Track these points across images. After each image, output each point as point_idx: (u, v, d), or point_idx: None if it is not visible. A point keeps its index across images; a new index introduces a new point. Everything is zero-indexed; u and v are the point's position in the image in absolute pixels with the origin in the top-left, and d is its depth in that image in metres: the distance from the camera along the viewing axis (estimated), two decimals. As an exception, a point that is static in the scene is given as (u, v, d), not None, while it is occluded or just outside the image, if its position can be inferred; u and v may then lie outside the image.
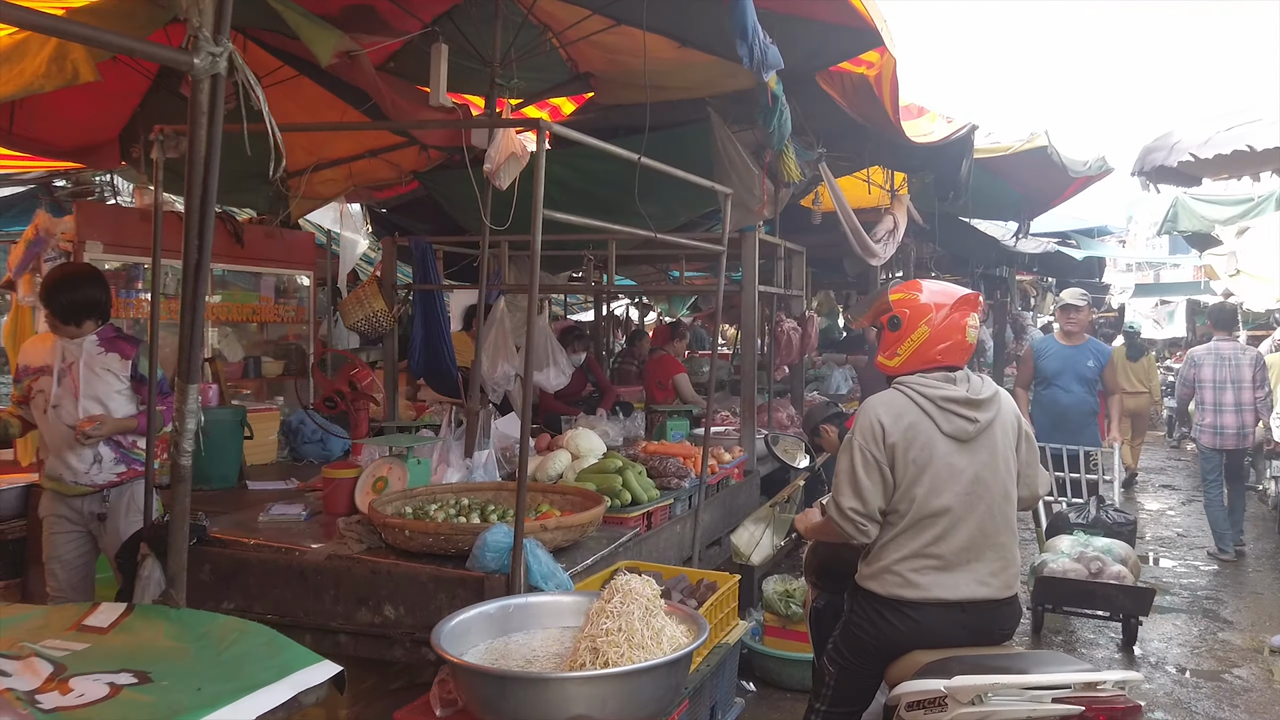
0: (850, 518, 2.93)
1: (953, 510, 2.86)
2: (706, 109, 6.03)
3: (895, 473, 2.90)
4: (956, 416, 2.92)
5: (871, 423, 2.96)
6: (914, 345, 3.04)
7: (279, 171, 2.39)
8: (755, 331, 6.01)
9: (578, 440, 4.93)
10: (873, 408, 3.01)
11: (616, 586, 2.71)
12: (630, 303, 15.93)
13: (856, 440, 2.96)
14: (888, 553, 2.93)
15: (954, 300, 3.04)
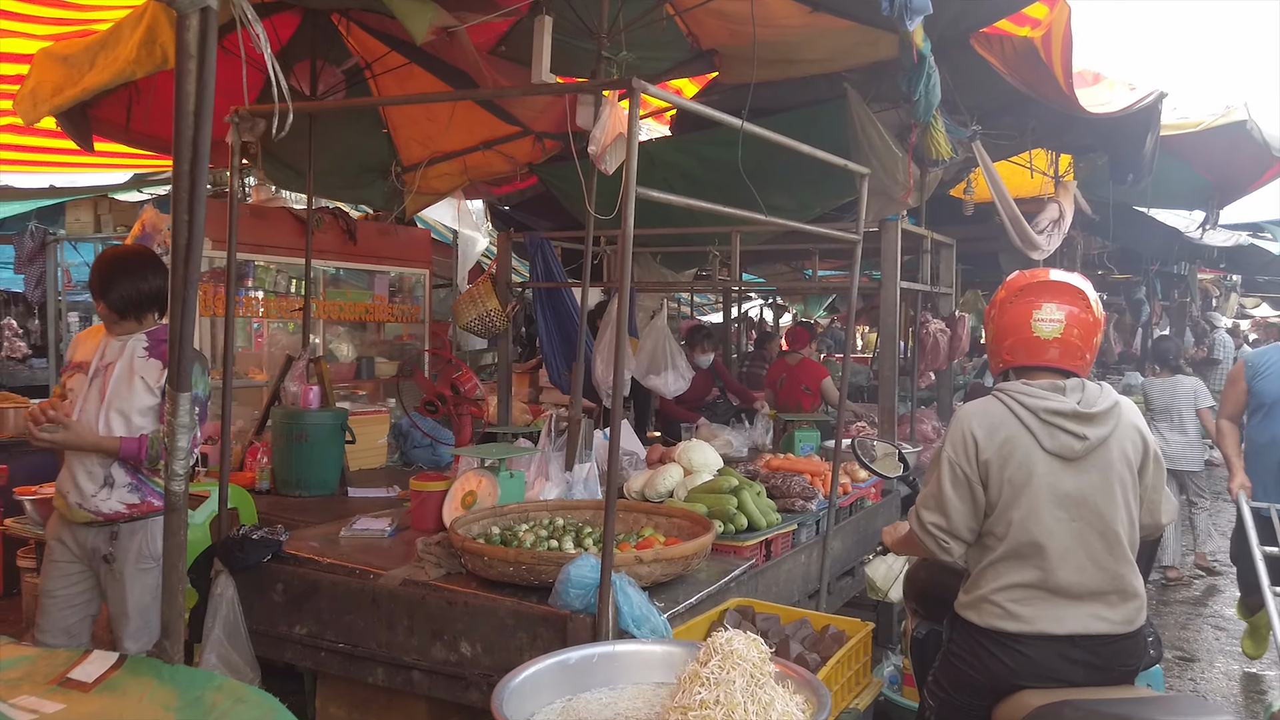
0: (931, 533, 2.61)
1: (1057, 537, 2.50)
2: (843, 85, 5.42)
3: (989, 492, 2.55)
4: (1061, 432, 2.51)
5: (963, 434, 2.57)
6: (989, 342, 2.76)
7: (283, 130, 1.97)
8: (896, 333, 5.35)
9: (690, 454, 4.42)
10: (966, 418, 2.61)
11: (716, 646, 2.20)
12: (764, 304, 15.31)
13: (946, 452, 2.60)
14: (985, 580, 2.58)
15: (1020, 287, 2.66)
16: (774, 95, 5.64)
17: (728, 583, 3.37)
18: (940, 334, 5.94)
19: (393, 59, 5.52)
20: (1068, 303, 2.56)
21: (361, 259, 6.24)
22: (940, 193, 6.99)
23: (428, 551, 3.27)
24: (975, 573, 2.60)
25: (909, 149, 5.42)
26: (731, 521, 3.73)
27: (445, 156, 6.45)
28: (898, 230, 5.24)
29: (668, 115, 6.39)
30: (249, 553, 3.38)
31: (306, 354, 5.20)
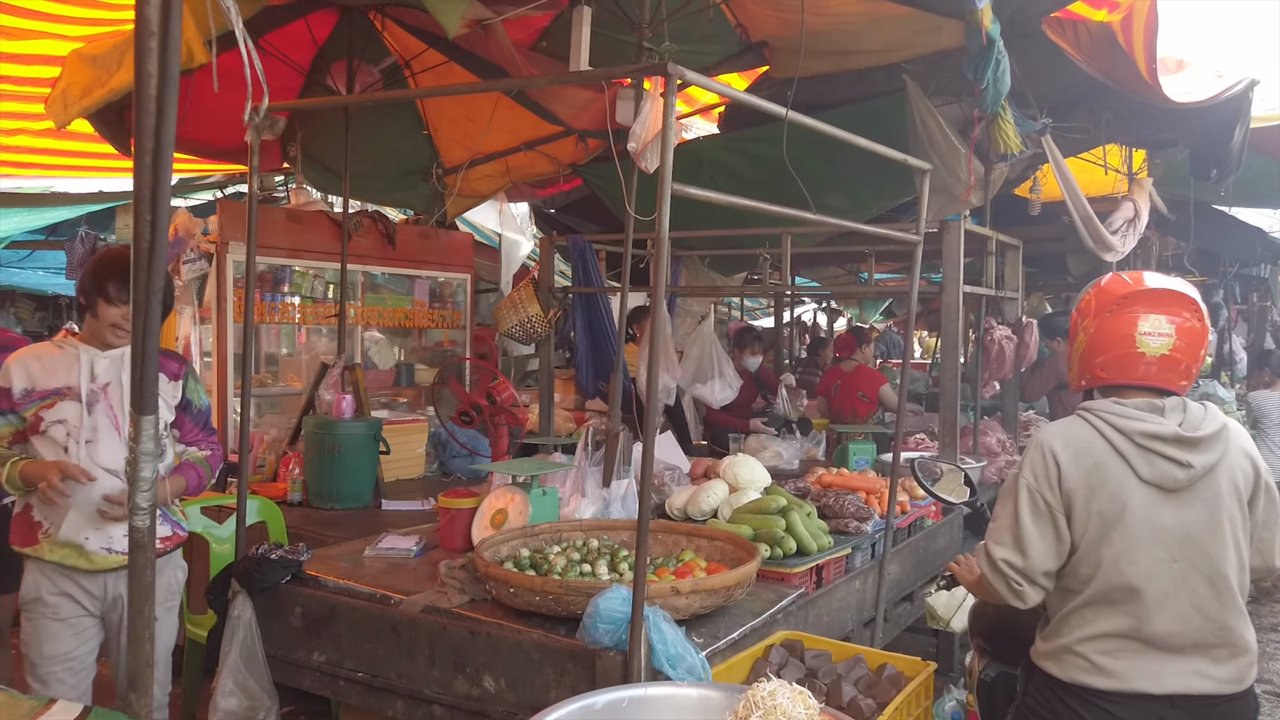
0: (1003, 572, 2.27)
1: (1155, 580, 2.18)
2: (902, 77, 5.10)
3: (1073, 526, 2.23)
4: (1161, 459, 2.18)
5: (1044, 459, 2.25)
6: (1077, 356, 2.40)
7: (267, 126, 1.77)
8: (959, 340, 5.02)
9: (736, 469, 4.16)
10: (1047, 440, 2.27)
11: (757, 700, 1.94)
12: (818, 308, 14.93)
13: (1024, 479, 2.27)
14: (1070, 628, 2.26)
15: (1120, 296, 2.29)
16: (828, 89, 5.35)
17: (775, 614, 3.10)
18: (1006, 341, 5.58)
19: (431, 57, 5.35)
20: (1177, 313, 2.23)
21: (401, 263, 6.09)
22: (1005, 192, 6.60)
23: (451, 576, 3.06)
24: (1057, 619, 2.29)
25: (971, 144, 5.08)
26: (779, 545, 3.46)
27: (487, 158, 6.27)
28: (960, 230, 4.92)
29: (716, 113, 6.13)
30: (267, 573, 3.21)
31: (341, 361, 5.06)
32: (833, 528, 3.89)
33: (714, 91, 2.61)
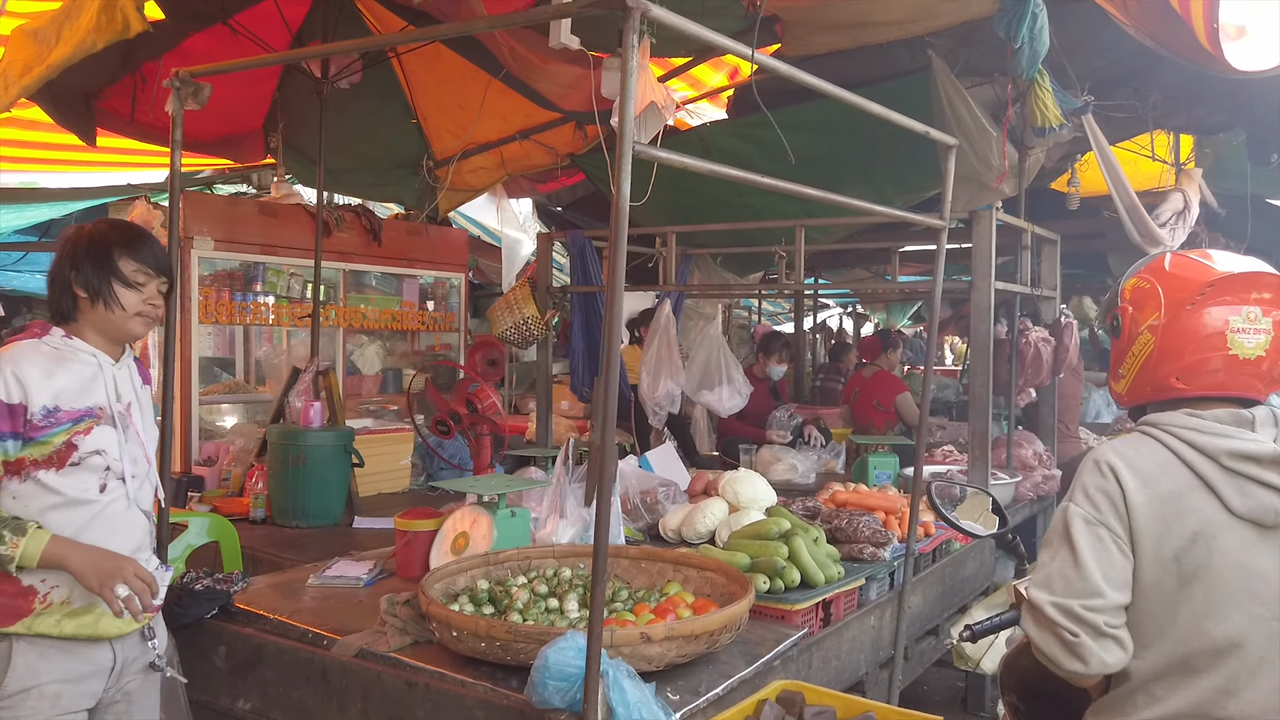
0: (1055, 621, 1.70)
1: (1250, 643, 1.69)
2: (927, 53, 4.63)
3: (1141, 574, 1.72)
4: (1258, 486, 1.68)
5: (1105, 485, 1.73)
6: (1136, 362, 1.84)
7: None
8: (990, 343, 4.53)
9: (736, 486, 3.71)
10: (1107, 461, 1.75)
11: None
12: (844, 312, 14.41)
13: (1078, 510, 1.74)
14: (1135, 705, 1.76)
15: (1203, 284, 1.75)
16: (845, 67, 4.87)
17: (771, 660, 2.64)
18: (1043, 344, 5.07)
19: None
20: (1270, 303, 1.74)
21: (387, 261, 5.69)
22: (1040, 185, 6.10)
23: (392, 614, 2.63)
24: (1116, 693, 1.80)
25: (1005, 127, 4.59)
26: (780, 576, 3.00)
27: (480, 148, 5.88)
28: (992, 221, 4.42)
29: (724, 97, 5.68)
30: (189, 607, 2.81)
31: (314, 365, 4.66)
32: (845, 554, 3.43)
33: (687, 32, 2.15)
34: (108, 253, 2.27)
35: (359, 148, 5.86)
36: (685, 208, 6.40)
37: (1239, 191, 7.08)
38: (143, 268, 2.30)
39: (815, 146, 5.59)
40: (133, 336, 2.37)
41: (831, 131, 5.49)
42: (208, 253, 4.81)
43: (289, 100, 5.59)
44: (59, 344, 2.23)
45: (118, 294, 2.26)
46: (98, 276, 2.24)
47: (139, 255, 2.30)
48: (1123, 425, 7.40)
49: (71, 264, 2.25)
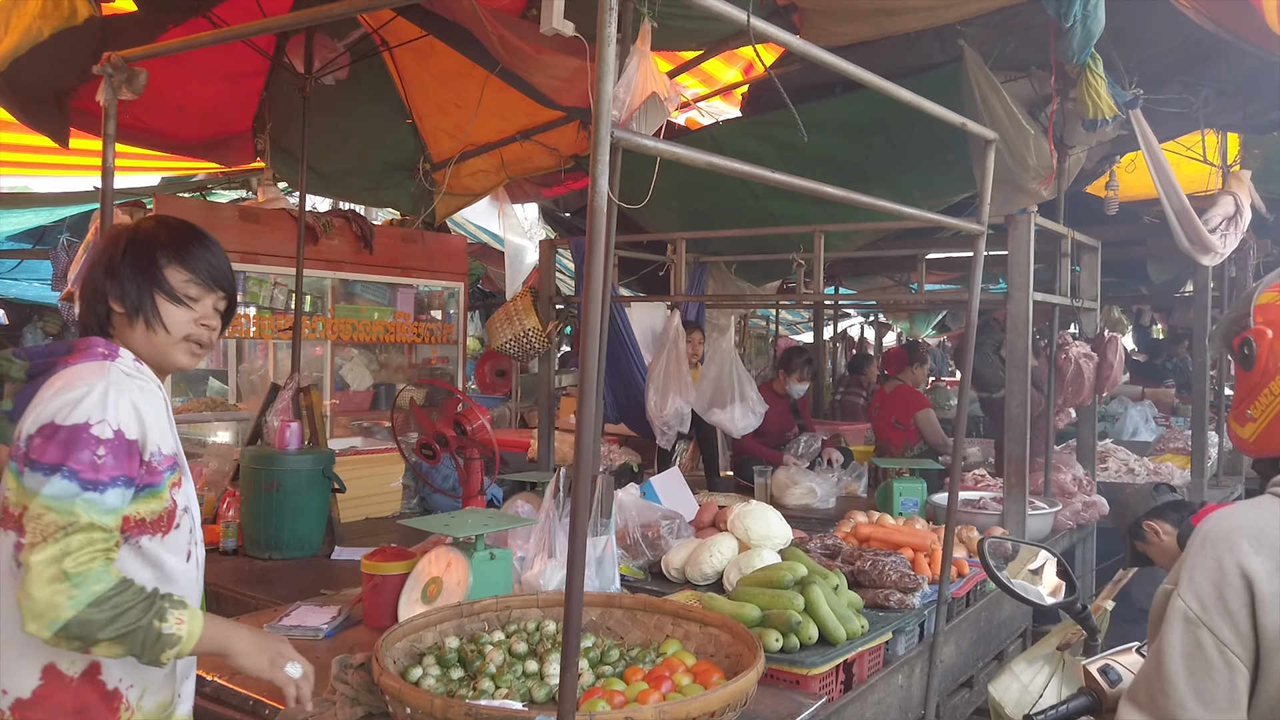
0: None
1: None
2: (958, 44, 4.25)
3: (1263, 686, 1.30)
4: None
5: (1220, 568, 1.32)
6: (1274, 406, 1.44)
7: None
8: (1028, 358, 4.13)
9: (747, 521, 3.33)
10: (1226, 535, 1.34)
11: None
12: (865, 321, 14.00)
13: (1183, 603, 1.34)
14: None
15: None
16: (869, 59, 4.41)
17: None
18: (1084, 360, 4.66)
19: (405, 29, 4.62)
20: None
21: (379, 269, 5.37)
22: (1074, 189, 5.69)
23: (343, 679, 2.27)
24: None
25: (1050, 124, 4.20)
26: (796, 632, 2.62)
27: (479, 150, 5.55)
28: (1030, 226, 4.03)
29: (738, 94, 5.32)
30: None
31: (294, 381, 4.33)
32: (869, 601, 3.04)
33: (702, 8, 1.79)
34: (152, 257, 1.78)
35: (351, 150, 5.54)
36: (697, 213, 6.05)
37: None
38: (194, 278, 1.80)
39: (836, 148, 5.23)
40: (177, 368, 1.87)
41: (853, 132, 5.13)
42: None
43: (277, 100, 5.28)
44: (131, 368, 1.74)
45: (161, 311, 1.77)
46: (138, 287, 1.76)
47: (190, 261, 1.80)
48: (1166, 445, 6.95)
49: (107, 269, 1.78)
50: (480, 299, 11.33)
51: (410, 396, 4.19)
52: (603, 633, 2.67)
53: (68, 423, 1.57)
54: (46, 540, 1.49)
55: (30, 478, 1.53)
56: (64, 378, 1.64)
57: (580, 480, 1.75)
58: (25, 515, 1.51)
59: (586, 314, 1.68)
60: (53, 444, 1.54)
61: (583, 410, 1.72)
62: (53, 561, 1.48)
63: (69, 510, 1.51)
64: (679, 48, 4.64)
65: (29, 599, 1.48)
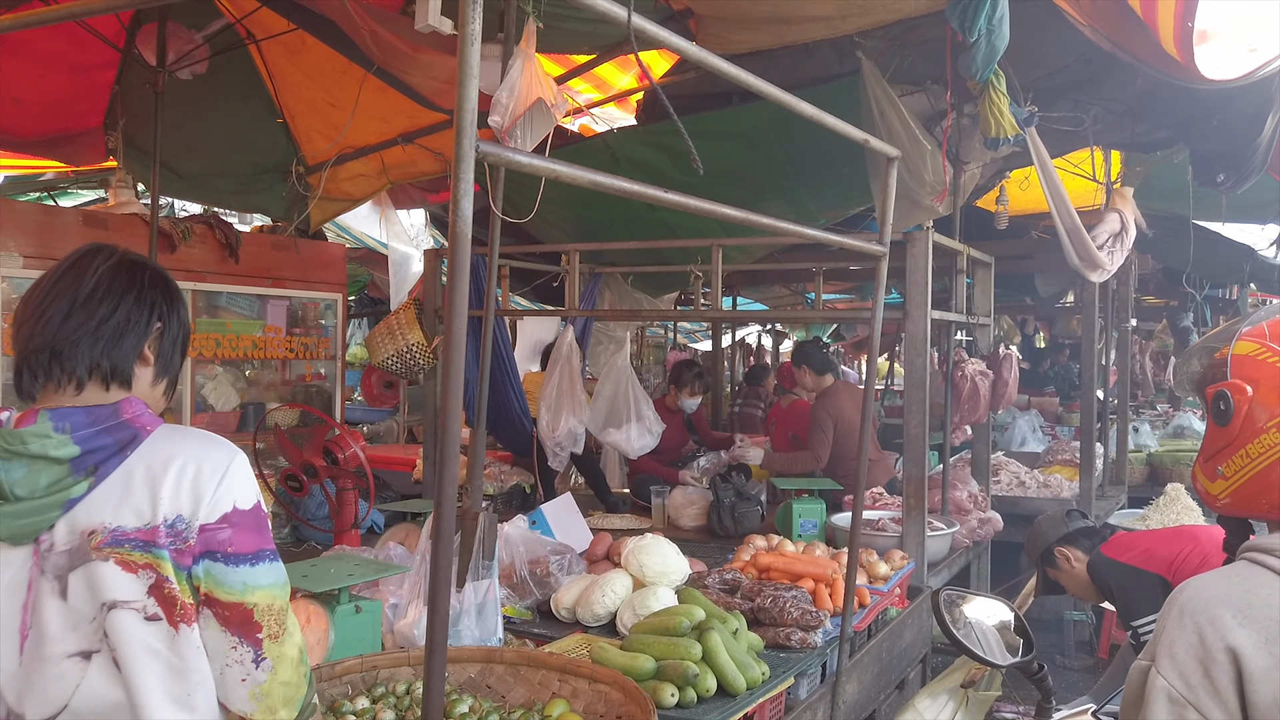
0: None
1: None
2: (856, 55, 4.16)
3: None
4: None
5: (1202, 643, 1.18)
6: (1252, 466, 1.31)
7: None
8: (927, 376, 4.06)
9: (642, 558, 3.13)
10: (1206, 608, 1.21)
11: None
12: (762, 329, 14.03)
13: (1165, 682, 1.20)
14: None
15: None
16: (768, 69, 4.27)
17: (679, 809, 2.05)
18: (980, 377, 4.64)
19: (272, 21, 4.26)
20: None
21: (247, 280, 4.96)
22: (965, 204, 5.71)
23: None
24: None
25: (944, 140, 4.15)
26: (693, 685, 2.42)
27: (357, 152, 5.19)
28: (928, 243, 3.96)
29: (633, 100, 5.13)
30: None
31: (144, 406, 3.90)
32: (770, 640, 2.88)
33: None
34: (185, 313, 1.60)
35: (214, 150, 5.10)
36: (591, 223, 5.83)
37: (1166, 212, 6.85)
38: (183, 349, 1.62)
39: (733, 157, 5.09)
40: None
41: (750, 141, 5.00)
42: (15, 271, 4.02)
43: (130, 93, 4.82)
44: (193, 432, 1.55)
45: (181, 377, 1.64)
46: (180, 345, 1.57)
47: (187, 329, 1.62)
48: (1054, 457, 7.08)
49: (165, 309, 1.53)
50: (368, 306, 10.85)
51: (276, 421, 3.83)
52: (482, 692, 2.42)
53: (249, 506, 1.44)
54: (284, 628, 1.44)
55: (238, 572, 1.40)
56: (191, 453, 1.42)
57: (441, 533, 1.51)
58: (256, 610, 1.40)
59: (449, 354, 1.43)
60: (248, 532, 1.43)
61: (445, 449, 1.47)
62: (294, 645, 1.46)
63: (285, 592, 1.47)
64: (570, 51, 4.42)
65: (284, 686, 1.43)
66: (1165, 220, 6.84)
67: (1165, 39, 3.20)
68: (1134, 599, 2.81)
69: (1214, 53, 3.53)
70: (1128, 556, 2.90)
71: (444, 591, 1.52)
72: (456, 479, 1.57)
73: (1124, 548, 2.97)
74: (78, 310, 1.45)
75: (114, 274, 1.51)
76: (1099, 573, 2.97)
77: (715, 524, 4.70)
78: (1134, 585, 2.81)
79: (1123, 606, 2.89)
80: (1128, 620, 2.85)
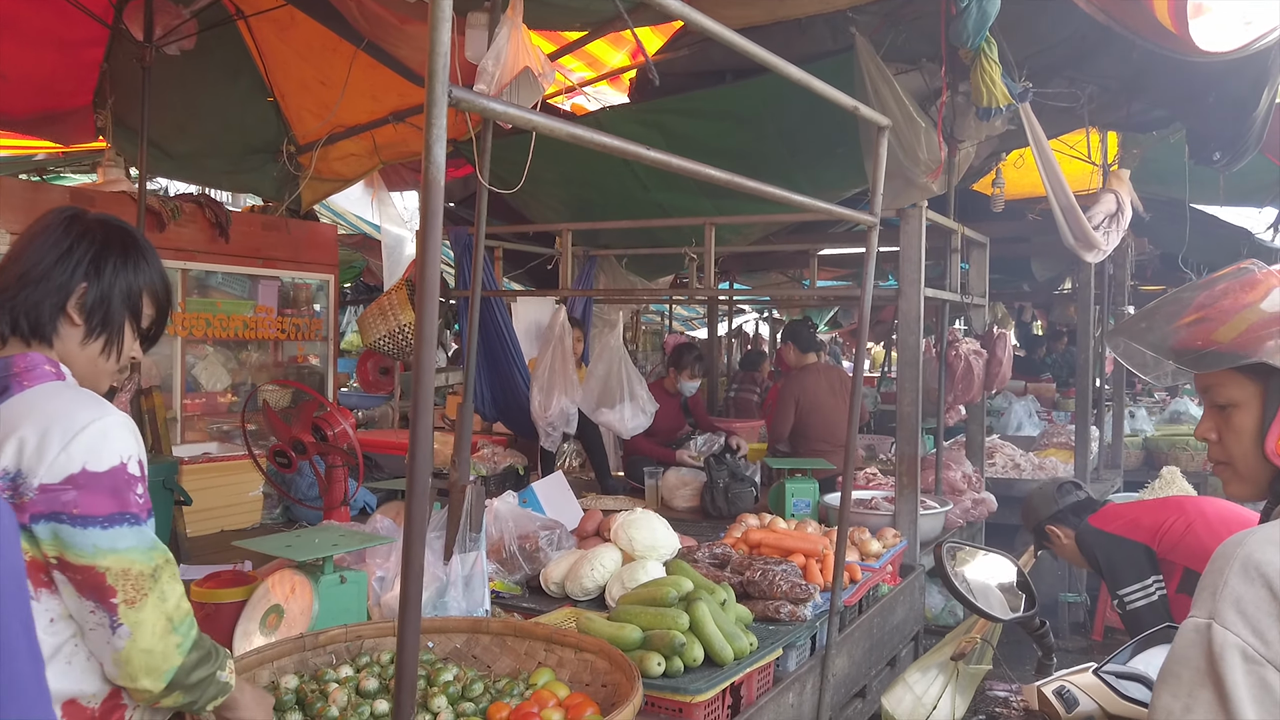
0: None
1: None
2: (850, 31, 4.13)
3: None
4: None
5: (1270, 595, 1.11)
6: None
7: None
8: (920, 355, 4.04)
9: (632, 531, 3.11)
10: (1272, 559, 1.13)
11: None
12: (760, 317, 14.01)
13: (1233, 633, 1.12)
14: None
15: None
16: (761, 46, 4.35)
17: (664, 776, 2.04)
18: (974, 357, 4.62)
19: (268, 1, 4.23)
20: None
21: (237, 260, 4.93)
22: (961, 186, 5.69)
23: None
24: None
25: (939, 117, 4.12)
26: (680, 655, 2.40)
27: (348, 132, 5.16)
28: (921, 220, 3.94)
29: (626, 78, 5.10)
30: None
31: (132, 384, 3.89)
32: (759, 613, 2.86)
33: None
34: (137, 278, 1.57)
35: (204, 129, 5.07)
36: (584, 203, 5.81)
37: (1163, 196, 6.83)
38: (157, 319, 1.63)
39: (726, 137, 5.07)
40: (97, 392, 1.59)
41: (744, 121, 4.98)
42: (3, 246, 3.99)
43: (119, 72, 4.79)
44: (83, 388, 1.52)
45: (124, 340, 1.58)
46: (119, 306, 1.54)
47: (164, 301, 1.62)
48: (1049, 440, 7.06)
49: (92, 267, 1.51)
50: (364, 293, 10.82)
51: (264, 399, 3.81)
52: (468, 662, 2.40)
53: (104, 468, 1.39)
54: (144, 594, 1.40)
55: (87, 534, 1.37)
56: (50, 411, 1.40)
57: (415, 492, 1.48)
58: (108, 574, 1.37)
59: (422, 307, 1.41)
60: (100, 494, 1.38)
61: (418, 417, 1.45)
62: (159, 613, 1.41)
63: (149, 557, 1.42)
64: (561, 27, 4.39)
65: (145, 654, 1.40)
66: (1162, 204, 6.82)
67: (1160, 11, 3.18)
68: (1119, 568, 2.80)
69: (1209, 25, 3.51)
70: (1114, 526, 2.89)
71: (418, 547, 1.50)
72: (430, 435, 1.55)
73: (1111, 518, 2.96)
74: (10, 266, 1.48)
75: (47, 233, 1.52)
76: (1086, 544, 2.95)
77: (709, 505, 4.69)
78: (1119, 554, 2.80)
79: (1109, 576, 2.88)
80: (1114, 589, 2.84)
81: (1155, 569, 2.79)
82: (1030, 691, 1.64)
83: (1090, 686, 1.59)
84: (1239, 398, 1.34)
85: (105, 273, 1.52)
